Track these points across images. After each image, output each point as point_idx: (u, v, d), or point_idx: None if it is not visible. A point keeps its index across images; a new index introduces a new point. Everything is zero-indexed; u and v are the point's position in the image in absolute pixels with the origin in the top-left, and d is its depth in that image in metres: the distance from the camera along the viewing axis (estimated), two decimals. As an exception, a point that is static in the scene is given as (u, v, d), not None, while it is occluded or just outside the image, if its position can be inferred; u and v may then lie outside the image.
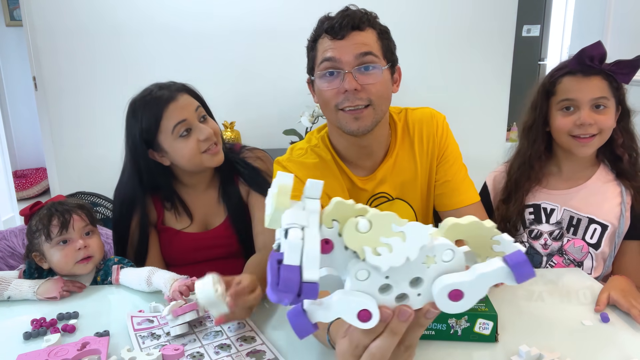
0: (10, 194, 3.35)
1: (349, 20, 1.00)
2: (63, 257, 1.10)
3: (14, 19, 4.41)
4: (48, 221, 1.10)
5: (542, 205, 1.28)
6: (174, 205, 1.31)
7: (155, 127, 1.19)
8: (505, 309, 0.99)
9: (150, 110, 1.19)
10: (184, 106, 1.20)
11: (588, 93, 1.16)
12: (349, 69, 1.01)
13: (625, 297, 0.98)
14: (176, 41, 2.79)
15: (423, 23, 2.81)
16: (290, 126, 2.69)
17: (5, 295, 1.07)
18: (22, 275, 1.14)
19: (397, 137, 1.16)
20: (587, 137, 1.18)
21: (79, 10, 2.74)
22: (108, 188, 1.29)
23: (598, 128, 1.17)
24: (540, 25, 4.30)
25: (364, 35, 1.02)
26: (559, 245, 1.26)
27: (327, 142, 1.17)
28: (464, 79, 2.94)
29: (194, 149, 1.20)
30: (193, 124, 1.20)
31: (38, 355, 0.83)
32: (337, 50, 1.01)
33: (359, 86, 1.01)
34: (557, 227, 1.26)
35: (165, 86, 1.23)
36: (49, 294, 1.07)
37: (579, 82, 1.17)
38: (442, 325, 0.89)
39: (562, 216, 1.26)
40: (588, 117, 1.16)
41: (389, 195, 1.17)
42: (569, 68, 1.19)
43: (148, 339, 0.91)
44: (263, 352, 0.86)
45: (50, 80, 2.84)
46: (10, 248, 1.37)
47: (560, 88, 1.20)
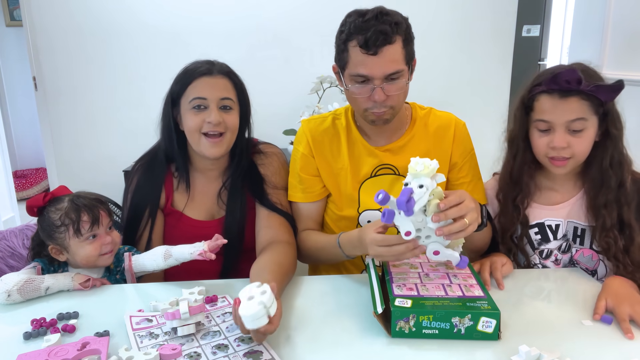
0: (10, 194, 3.35)
1: (382, 36, 1.08)
2: (92, 251, 1.13)
3: (14, 19, 4.41)
4: (77, 216, 1.12)
5: (547, 223, 1.23)
6: (180, 177, 1.33)
7: (182, 90, 1.25)
8: (506, 308, 0.99)
9: (185, 73, 1.26)
10: (213, 85, 1.24)
11: (563, 115, 1.10)
12: (379, 83, 1.12)
13: (620, 305, 0.96)
14: (175, 42, 2.79)
15: (423, 23, 2.80)
16: (290, 126, 2.69)
17: (43, 287, 1.09)
18: (42, 273, 1.15)
19: (415, 125, 1.30)
20: (561, 159, 1.13)
21: (79, 10, 2.74)
22: (108, 188, 1.29)
23: (571, 152, 1.12)
24: (540, 25, 4.30)
25: (394, 49, 1.11)
26: (569, 257, 1.23)
27: (350, 114, 1.33)
28: (463, 78, 2.94)
29: (198, 124, 1.23)
30: (210, 105, 1.23)
31: (38, 355, 0.82)
32: (370, 67, 1.11)
33: (386, 97, 1.14)
34: (564, 240, 1.22)
35: (213, 63, 1.28)
36: (83, 279, 1.12)
37: (555, 103, 1.10)
38: (445, 324, 0.89)
39: (567, 228, 1.22)
40: (561, 141, 1.11)
41: (395, 169, 1.28)
42: (545, 87, 1.11)
43: (146, 338, 0.92)
44: (260, 353, 0.86)
45: (50, 80, 2.83)
46: (10, 248, 1.37)
47: (537, 106, 1.14)
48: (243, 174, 1.33)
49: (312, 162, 1.30)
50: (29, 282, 1.07)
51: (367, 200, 1.29)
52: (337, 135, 1.31)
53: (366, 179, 1.29)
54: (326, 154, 1.30)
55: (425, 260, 1.11)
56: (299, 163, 1.31)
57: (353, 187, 1.29)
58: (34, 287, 1.07)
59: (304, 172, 1.30)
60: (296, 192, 1.32)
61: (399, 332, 0.90)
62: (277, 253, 1.18)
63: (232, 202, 1.31)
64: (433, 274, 1.04)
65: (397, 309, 0.90)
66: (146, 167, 1.35)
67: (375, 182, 1.29)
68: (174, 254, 1.15)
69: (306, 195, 1.31)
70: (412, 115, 1.32)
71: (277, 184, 1.33)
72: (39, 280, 1.09)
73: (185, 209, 1.32)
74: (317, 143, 1.30)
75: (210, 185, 1.35)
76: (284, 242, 1.24)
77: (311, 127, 1.32)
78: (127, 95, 2.83)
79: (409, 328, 0.90)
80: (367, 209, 1.29)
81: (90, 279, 1.13)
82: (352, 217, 1.30)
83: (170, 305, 0.93)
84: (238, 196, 1.31)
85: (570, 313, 0.99)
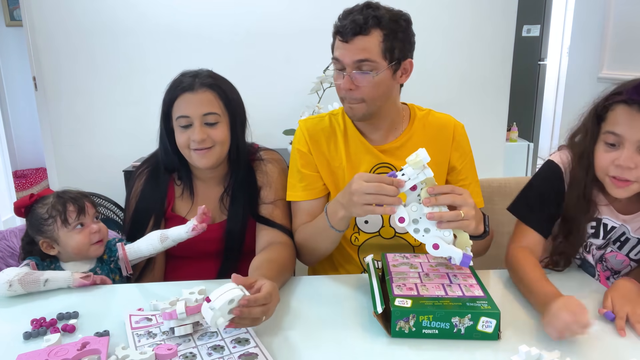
0: (10, 194, 3.36)
1: (354, 26, 1.12)
2: (82, 239, 1.16)
3: (14, 19, 4.41)
4: (63, 207, 1.16)
5: (604, 221, 1.15)
6: (184, 185, 1.34)
7: (169, 106, 1.26)
8: (506, 308, 0.99)
9: (171, 89, 1.26)
10: (194, 103, 1.23)
11: (638, 132, 0.97)
12: (348, 70, 1.16)
13: (622, 304, 0.96)
14: (176, 41, 2.79)
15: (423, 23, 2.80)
16: (290, 126, 2.69)
17: (42, 279, 1.10)
18: (37, 268, 1.16)
19: (414, 125, 1.30)
20: (624, 180, 1.01)
21: (79, 10, 2.74)
22: (108, 188, 1.29)
23: (637, 175, 0.99)
24: (540, 25, 4.30)
25: (367, 40, 1.13)
26: (601, 254, 1.19)
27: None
28: (464, 78, 2.94)
29: (185, 142, 1.25)
30: (194, 123, 1.23)
31: (38, 355, 0.82)
32: (341, 52, 1.17)
33: (354, 86, 1.17)
34: (607, 240, 1.17)
35: (200, 76, 1.26)
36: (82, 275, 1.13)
37: (632, 117, 0.97)
38: (445, 324, 0.89)
39: (619, 232, 1.14)
40: (629, 160, 0.98)
41: (394, 168, 1.28)
42: (626, 96, 0.99)
43: (144, 338, 0.92)
44: (255, 355, 0.85)
45: (50, 80, 2.83)
46: (10, 248, 1.37)
47: (611, 116, 1.02)
48: (242, 179, 1.33)
49: (311, 159, 1.30)
50: (29, 274, 1.10)
51: None
52: (334, 133, 1.32)
53: None
54: (324, 151, 1.31)
55: (425, 260, 1.11)
56: (299, 161, 1.31)
57: None
58: (34, 279, 1.09)
59: (305, 169, 1.30)
60: (296, 191, 1.31)
61: (398, 332, 0.90)
62: (274, 251, 1.19)
63: (233, 207, 1.31)
64: (433, 273, 1.04)
65: (397, 308, 0.90)
66: (149, 175, 1.35)
67: None
68: (170, 236, 1.19)
69: (307, 193, 1.30)
70: (411, 116, 1.32)
71: (274, 193, 1.32)
72: (38, 273, 1.11)
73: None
74: (314, 141, 1.31)
75: (211, 191, 1.35)
76: (282, 242, 1.24)
77: (308, 126, 1.33)
78: (127, 95, 2.82)
79: (409, 328, 0.90)
80: None
81: (91, 274, 1.14)
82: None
83: (170, 304, 0.93)
84: (240, 201, 1.31)
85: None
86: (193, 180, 1.36)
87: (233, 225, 1.30)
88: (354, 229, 1.31)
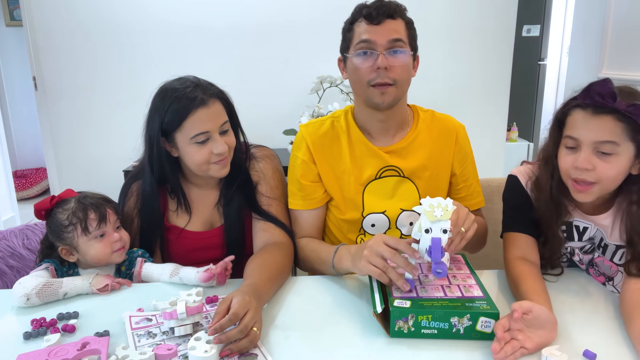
0: (10, 194, 3.36)
1: (385, 10, 1.17)
2: (102, 248, 1.14)
3: (14, 19, 4.41)
4: (84, 215, 1.13)
5: (575, 223, 1.15)
6: (178, 199, 1.30)
7: (176, 124, 1.16)
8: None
9: (178, 106, 1.15)
10: (211, 116, 1.17)
11: (592, 133, 0.99)
12: (381, 50, 1.16)
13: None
14: (175, 41, 2.79)
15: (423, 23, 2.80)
16: (290, 126, 2.69)
17: (61, 292, 1.08)
18: (55, 274, 1.15)
19: (418, 126, 1.30)
20: (584, 184, 1.02)
21: (79, 10, 2.74)
22: (108, 188, 1.28)
23: (596, 176, 1.00)
24: (540, 25, 4.30)
25: (396, 24, 1.18)
26: (589, 258, 1.18)
27: (350, 115, 1.32)
28: (463, 78, 2.94)
29: (205, 158, 1.18)
30: (213, 136, 1.18)
31: (38, 355, 0.83)
32: (373, 33, 1.17)
33: (389, 65, 1.17)
34: (589, 243, 1.16)
35: (202, 87, 1.19)
36: (101, 285, 1.11)
37: (586, 119, 1.00)
38: (444, 324, 0.89)
39: (595, 234, 1.14)
40: (585, 162, 0.99)
41: (400, 171, 1.28)
42: (580, 100, 1.01)
43: (144, 338, 0.92)
44: (255, 356, 0.86)
45: (50, 80, 2.84)
46: (10, 248, 1.37)
47: (569, 121, 1.04)
48: (237, 179, 1.30)
49: (312, 168, 1.29)
50: (47, 285, 1.07)
51: (372, 204, 1.27)
52: (337, 137, 1.30)
53: (370, 181, 1.27)
54: (327, 157, 1.29)
55: (424, 261, 1.11)
56: (299, 170, 1.29)
57: (356, 190, 1.27)
58: (52, 292, 1.07)
59: (304, 179, 1.29)
60: (296, 199, 1.30)
61: (398, 332, 0.90)
62: (268, 254, 1.18)
63: (230, 210, 1.29)
64: (432, 275, 1.04)
65: (396, 309, 0.90)
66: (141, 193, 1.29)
67: (379, 184, 1.27)
68: (180, 275, 1.15)
69: (306, 202, 1.29)
70: (414, 116, 1.32)
71: (270, 191, 1.31)
72: (57, 285, 1.08)
73: (187, 227, 1.30)
74: (317, 147, 1.29)
75: (207, 197, 1.32)
76: (279, 243, 1.23)
77: (310, 131, 1.31)
78: (127, 95, 2.83)
79: (408, 328, 0.90)
80: (371, 212, 1.27)
81: (109, 284, 1.11)
82: (356, 221, 1.29)
83: (170, 304, 0.93)
84: (236, 203, 1.29)
85: (571, 313, 0.99)
86: (186, 189, 1.31)
87: (231, 227, 1.29)
88: (360, 231, 1.31)
